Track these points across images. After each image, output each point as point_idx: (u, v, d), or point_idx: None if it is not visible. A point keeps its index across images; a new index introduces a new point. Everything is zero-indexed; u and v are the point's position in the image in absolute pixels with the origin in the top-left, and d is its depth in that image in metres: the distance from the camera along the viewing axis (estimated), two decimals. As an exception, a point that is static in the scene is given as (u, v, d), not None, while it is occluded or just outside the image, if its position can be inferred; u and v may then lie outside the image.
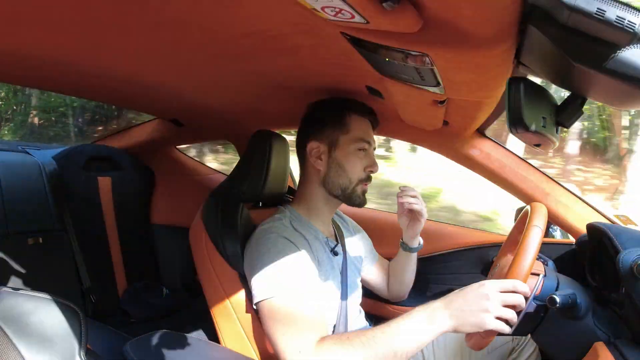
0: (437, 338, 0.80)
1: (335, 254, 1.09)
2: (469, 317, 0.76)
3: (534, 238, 0.79)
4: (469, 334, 0.81)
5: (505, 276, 0.80)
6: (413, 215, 1.15)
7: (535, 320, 0.86)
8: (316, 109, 1.13)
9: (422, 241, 1.23)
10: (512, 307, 0.77)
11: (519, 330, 0.85)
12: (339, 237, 1.17)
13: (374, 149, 1.12)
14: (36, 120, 7.29)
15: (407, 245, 1.22)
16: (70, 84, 1.23)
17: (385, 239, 1.48)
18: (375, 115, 1.13)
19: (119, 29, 0.75)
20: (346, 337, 0.81)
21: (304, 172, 1.13)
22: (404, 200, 1.11)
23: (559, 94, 0.72)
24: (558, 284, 0.87)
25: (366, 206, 1.13)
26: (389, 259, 1.36)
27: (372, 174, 1.09)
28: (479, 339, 0.81)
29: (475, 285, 0.79)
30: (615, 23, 0.44)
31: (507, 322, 0.76)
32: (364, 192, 1.09)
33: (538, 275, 0.86)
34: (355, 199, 1.08)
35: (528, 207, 0.92)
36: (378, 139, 1.59)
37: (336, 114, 1.08)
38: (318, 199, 1.10)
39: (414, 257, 1.25)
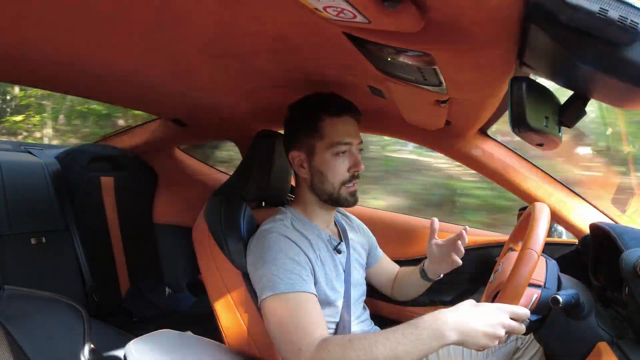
0: None
1: (339, 251, 1.09)
2: (479, 338, 0.75)
3: (528, 263, 0.77)
4: None
5: (502, 291, 0.81)
6: (449, 261, 1.09)
7: (536, 322, 0.86)
8: (292, 114, 1.09)
9: (442, 275, 1.18)
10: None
11: None
12: (342, 236, 1.16)
13: (360, 144, 1.06)
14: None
15: (427, 276, 1.18)
16: (72, 83, 1.24)
17: (391, 239, 1.48)
18: (355, 110, 1.06)
19: (120, 28, 0.76)
20: (348, 339, 0.81)
21: (296, 178, 1.12)
22: (457, 254, 1.07)
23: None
24: (560, 284, 0.87)
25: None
26: (393, 258, 1.36)
27: (357, 173, 1.04)
28: None
29: (492, 308, 0.78)
30: (617, 22, 0.44)
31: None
32: (352, 193, 1.05)
33: (537, 286, 0.86)
34: (343, 202, 1.05)
35: (531, 207, 0.92)
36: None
37: (309, 120, 1.04)
38: (312, 203, 1.09)
39: (428, 283, 1.21)
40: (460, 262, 1.07)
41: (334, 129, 1.02)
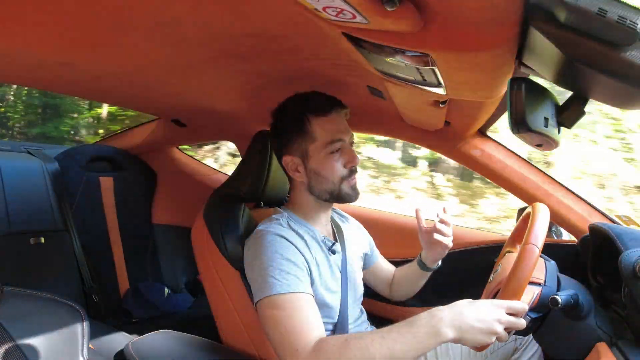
0: None
1: (333, 252, 1.09)
2: (476, 334, 0.75)
3: (529, 258, 0.78)
4: None
5: (503, 288, 0.80)
6: (438, 244, 1.11)
7: (536, 321, 0.86)
8: (278, 119, 1.08)
9: (440, 263, 1.19)
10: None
11: (521, 330, 0.85)
12: (337, 236, 1.16)
13: (351, 138, 1.05)
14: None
15: (425, 266, 1.18)
16: (71, 84, 1.24)
17: (389, 240, 1.48)
18: (339, 104, 1.04)
19: (120, 28, 0.76)
20: (344, 339, 0.81)
21: (290, 181, 1.11)
22: (438, 233, 1.08)
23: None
24: (560, 284, 0.87)
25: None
26: (391, 259, 1.36)
27: (354, 167, 1.04)
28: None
29: (488, 303, 0.78)
30: (617, 23, 0.44)
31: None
32: (353, 186, 1.04)
33: (537, 284, 0.86)
34: (345, 197, 1.04)
35: (530, 207, 0.92)
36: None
37: (297, 124, 1.02)
38: (310, 204, 1.08)
39: (427, 274, 1.22)
40: (446, 240, 1.09)
41: (323, 129, 1.01)
